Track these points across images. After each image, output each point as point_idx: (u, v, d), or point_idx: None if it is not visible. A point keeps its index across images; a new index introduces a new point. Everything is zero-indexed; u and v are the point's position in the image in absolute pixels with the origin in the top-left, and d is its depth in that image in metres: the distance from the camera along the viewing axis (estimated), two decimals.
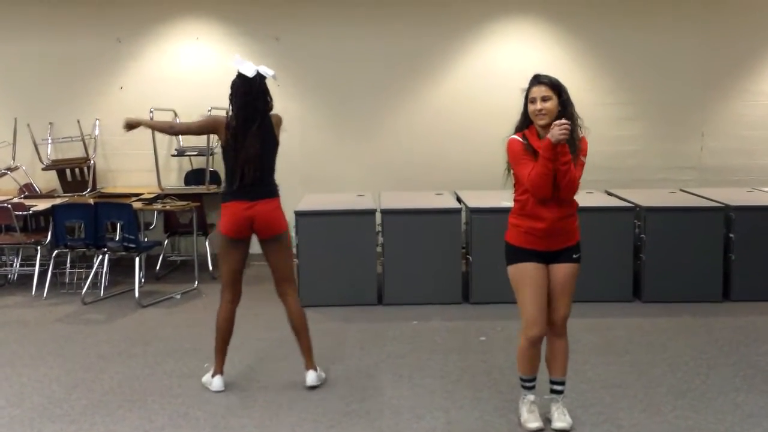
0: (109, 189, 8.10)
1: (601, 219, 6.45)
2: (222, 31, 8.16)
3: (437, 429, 4.06)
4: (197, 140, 7.68)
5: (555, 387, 4.05)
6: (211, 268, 7.58)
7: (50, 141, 8.11)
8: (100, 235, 6.69)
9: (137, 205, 6.98)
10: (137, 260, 6.71)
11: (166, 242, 7.94)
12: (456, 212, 6.54)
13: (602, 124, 7.76)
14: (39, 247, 7.16)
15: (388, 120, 8.26)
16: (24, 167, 8.08)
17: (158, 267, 7.74)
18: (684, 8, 8.10)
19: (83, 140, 8.00)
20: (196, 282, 7.25)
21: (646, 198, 6.79)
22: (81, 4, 8.11)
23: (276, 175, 4.60)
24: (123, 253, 6.82)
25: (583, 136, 3.86)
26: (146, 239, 7.36)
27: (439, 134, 8.18)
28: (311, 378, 4.63)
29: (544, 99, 3.77)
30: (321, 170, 7.79)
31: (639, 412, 4.23)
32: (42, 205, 7.08)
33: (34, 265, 7.16)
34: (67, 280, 7.14)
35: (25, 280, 7.27)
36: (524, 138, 3.83)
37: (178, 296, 6.92)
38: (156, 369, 5.01)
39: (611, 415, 4.20)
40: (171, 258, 8.10)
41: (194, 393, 4.60)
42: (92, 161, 8.02)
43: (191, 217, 7.39)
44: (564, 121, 3.66)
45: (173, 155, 8.13)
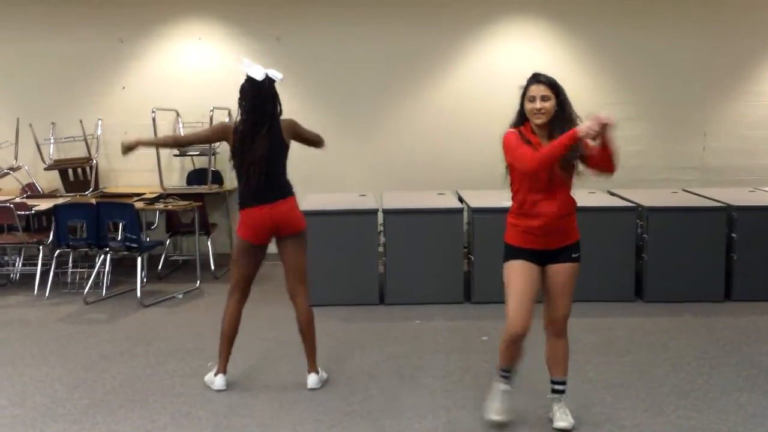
0: (111, 189, 8.11)
1: (604, 219, 6.45)
2: (224, 32, 8.17)
3: (439, 429, 4.06)
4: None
5: (556, 387, 4.04)
6: (213, 268, 7.59)
7: (52, 141, 8.12)
8: (102, 235, 6.70)
9: (139, 205, 6.99)
10: (139, 260, 6.72)
11: (168, 242, 7.95)
12: (458, 212, 6.54)
13: None
14: (41, 247, 7.16)
15: (390, 120, 8.26)
16: (26, 167, 8.09)
17: (160, 267, 7.75)
18: (685, 8, 8.10)
19: (85, 140, 8.01)
20: (198, 282, 7.26)
21: (649, 198, 6.79)
22: (83, 5, 8.12)
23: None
24: (125, 253, 6.82)
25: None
26: (148, 239, 7.36)
27: (441, 134, 8.19)
28: (312, 381, 4.64)
29: (544, 98, 3.74)
30: (323, 170, 7.78)
31: (641, 412, 4.23)
32: (44, 205, 7.09)
33: (36, 265, 7.17)
34: (69, 280, 7.15)
35: (27, 280, 7.28)
36: (520, 134, 3.81)
37: (180, 296, 6.93)
38: (158, 368, 5.02)
39: (613, 415, 4.20)
40: (173, 258, 8.10)
41: (196, 392, 4.60)
42: (94, 161, 8.03)
43: (193, 217, 7.39)
44: (604, 120, 3.54)
45: (175, 155, 8.14)
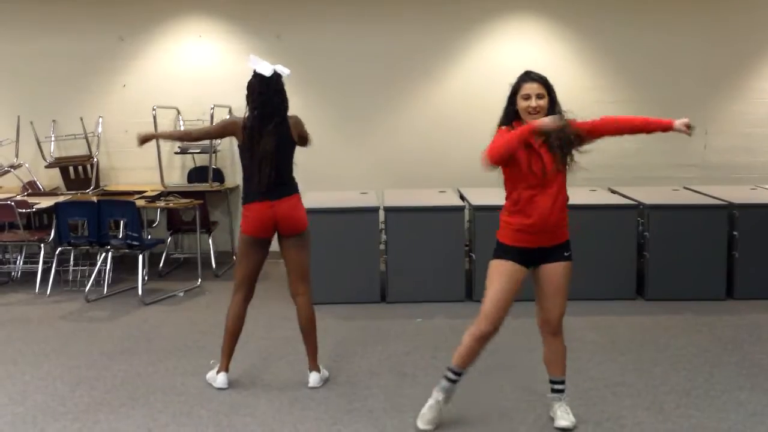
0: (112, 187, 8.11)
1: (605, 217, 6.45)
2: (224, 29, 8.16)
3: (438, 429, 4.06)
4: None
5: (555, 387, 4.04)
6: (215, 266, 7.59)
7: (53, 138, 8.11)
8: (104, 233, 6.70)
9: (140, 203, 6.98)
10: (140, 258, 6.71)
11: (169, 240, 7.94)
12: (459, 210, 6.54)
13: None
14: (42, 245, 7.16)
15: (391, 117, 8.25)
16: (27, 165, 8.08)
17: (161, 265, 7.75)
18: (686, 5, 8.08)
19: (86, 138, 8.01)
20: (199, 280, 7.25)
21: (650, 196, 6.79)
22: (84, 3, 8.10)
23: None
24: (126, 251, 6.82)
25: (573, 120, 3.81)
26: (149, 237, 7.36)
27: (442, 132, 8.18)
28: (314, 379, 4.63)
29: (539, 96, 3.74)
30: (323, 168, 7.78)
31: (642, 411, 4.23)
32: (45, 203, 7.09)
33: (38, 263, 7.16)
34: (71, 278, 7.15)
35: (29, 278, 7.27)
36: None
37: (182, 294, 6.93)
38: (159, 367, 5.02)
39: (614, 414, 4.20)
40: (174, 256, 8.09)
41: (197, 391, 4.60)
42: (95, 159, 8.02)
43: (194, 215, 7.39)
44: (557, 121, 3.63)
45: (176, 153, 8.13)
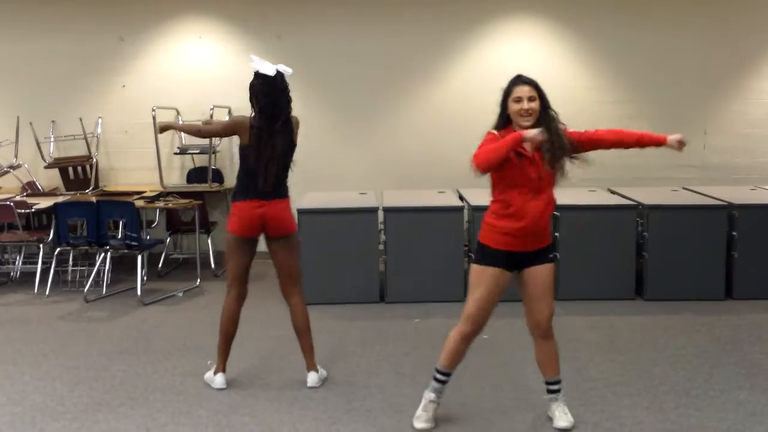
0: (112, 187, 8.10)
1: (604, 217, 6.46)
2: (224, 30, 8.16)
3: (439, 427, 4.06)
4: (200, 138, 7.67)
5: (551, 387, 4.03)
6: (213, 266, 7.59)
7: (53, 139, 8.11)
8: (103, 233, 6.70)
9: (139, 203, 6.99)
10: (139, 258, 6.71)
11: (169, 240, 7.94)
12: (458, 210, 6.54)
13: (604, 122, 7.60)
14: (41, 245, 7.15)
15: (390, 118, 8.25)
16: (26, 165, 8.08)
17: (160, 265, 7.74)
18: (685, 5, 8.07)
19: (86, 138, 8.00)
20: (198, 280, 7.25)
21: (649, 196, 6.79)
22: (84, 3, 8.10)
23: None
24: (125, 251, 6.82)
25: (565, 128, 3.83)
26: (148, 237, 7.36)
27: (441, 132, 8.17)
28: (312, 379, 4.63)
29: (531, 99, 3.77)
30: (323, 168, 7.78)
31: (641, 410, 4.23)
32: (44, 203, 7.10)
33: (37, 263, 7.16)
34: (70, 278, 7.15)
35: (28, 278, 7.27)
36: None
37: (181, 294, 6.92)
38: (158, 367, 5.02)
39: (614, 413, 4.19)
40: (173, 256, 8.09)
41: (196, 391, 4.60)
42: (94, 159, 8.02)
43: (193, 215, 7.39)
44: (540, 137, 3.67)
45: (175, 153, 8.14)
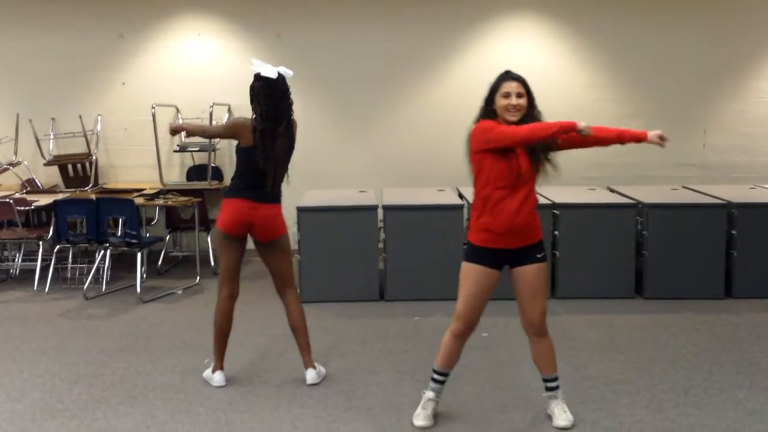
0: (111, 184, 8.11)
1: (604, 215, 6.45)
2: (223, 27, 8.15)
3: (439, 425, 4.06)
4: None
5: (549, 384, 4.03)
6: (213, 264, 7.59)
7: (52, 136, 8.11)
8: (102, 231, 6.70)
9: (139, 201, 6.98)
10: (139, 256, 6.71)
11: (168, 238, 7.94)
12: (458, 208, 6.53)
13: (604, 121, 7.56)
14: (41, 243, 7.15)
15: (390, 116, 8.25)
16: (26, 162, 8.08)
17: (160, 262, 7.74)
18: (686, 5, 8.07)
19: (85, 136, 8.01)
20: (198, 277, 7.25)
21: (649, 195, 6.78)
22: (83, 0, 8.10)
23: None
24: (125, 249, 6.83)
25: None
26: (148, 235, 7.37)
27: (441, 130, 8.16)
28: (311, 376, 4.63)
29: (519, 95, 3.79)
30: (323, 166, 7.78)
31: (641, 409, 4.23)
32: (44, 201, 7.10)
33: (36, 260, 7.16)
34: (69, 276, 7.15)
35: (27, 275, 7.27)
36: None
37: (180, 291, 6.92)
38: (157, 364, 5.02)
39: (613, 412, 4.19)
40: (173, 253, 8.10)
41: (196, 388, 4.60)
42: (94, 157, 8.02)
43: (193, 213, 7.38)
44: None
45: (175, 151, 8.14)
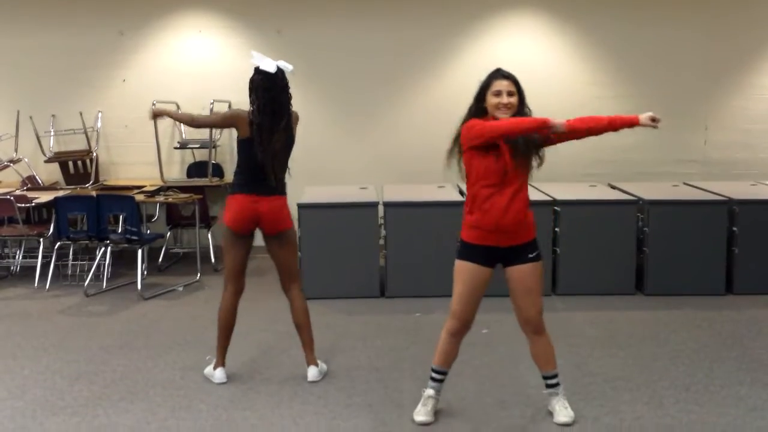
0: (112, 181, 8.10)
1: (604, 212, 6.45)
2: (224, 24, 8.14)
3: (439, 421, 4.06)
4: (200, 133, 7.67)
5: (549, 382, 4.04)
6: (214, 260, 7.58)
7: (53, 133, 8.10)
8: (103, 228, 6.69)
9: (139, 198, 6.97)
10: (140, 252, 6.71)
11: (169, 234, 7.93)
12: (458, 205, 6.46)
13: None
14: (41, 239, 7.15)
15: (391, 113, 8.24)
16: (26, 159, 8.07)
17: (161, 259, 7.73)
18: (686, 1, 8.04)
19: (86, 132, 8.00)
20: (199, 274, 7.25)
21: (649, 191, 6.78)
22: None
23: None
24: (125, 246, 6.82)
25: None
26: (149, 231, 7.36)
27: (442, 127, 7.97)
28: (312, 374, 4.63)
29: (510, 94, 3.81)
30: (323, 163, 7.77)
31: (642, 405, 4.23)
32: (44, 197, 7.09)
33: (37, 257, 7.16)
34: (70, 272, 7.14)
35: (28, 272, 7.27)
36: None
37: (181, 288, 6.92)
38: (158, 361, 5.02)
39: (613, 408, 4.20)
40: (173, 250, 8.09)
41: (196, 385, 4.60)
42: (95, 153, 8.02)
43: (194, 210, 7.38)
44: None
45: (176, 147, 8.13)
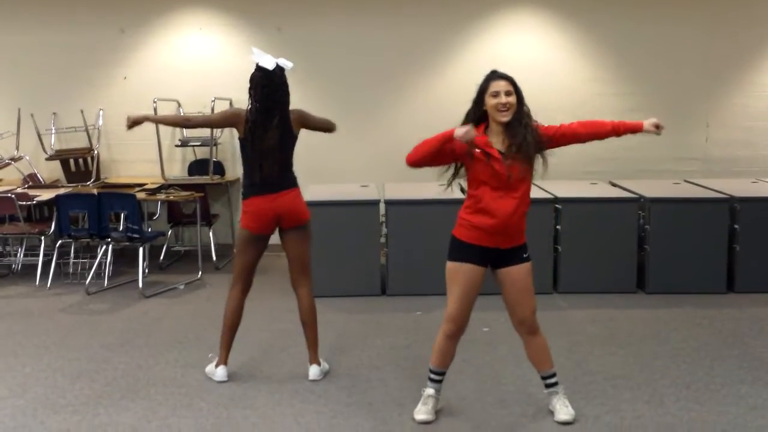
0: (113, 179, 8.10)
1: (606, 210, 6.45)
2: (224, 22, 8.14)
3: (440, 420, 4.07)
4: (201, 131, 7.67)
5: (548, 381, 4.04)
6: (215, 259, 7.59)
7: (54, 131, 8.11)
8: (104, 226, 6.69)
9: (141, 196, 6.98)
10: (141, 250, 6.71)
11: (170, 232, 7.94)
12: (460, 203, 6.48)
13: (605, 115, 7.53)
14: (43, 237, 7.15)
15: (391, 110, 8.23)
16: (28, 157, 8.08)
17: (162, 257, 7.74)
18: None
19: (87, 130, 8.00)
20: (200, 272, 7.25)
21: (651, 189, 6.77)
22: None
23: None
24: (127, 244, 6.82)
25: (539, 124, 3.85)
26: (150, 229, 7.36)
27: (443, 125, 7.91)
28: (314, 372, 4.63)
29: (508, 94, 3.81)
30: (324, 161, 7.77)
31: (642, 404, 4.23)
32: (46, 195, 7.09)
33: (38, 255, 7.17)
34: (71, 271, 7.15)
35: (29, 270, 7.27)
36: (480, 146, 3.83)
37: (182, 287, 6.93)
38: (159, 359, 5.02)
39: (614, 407, 4.20)
40: (175, 248, 8.10)
41: (198, 383, 4.61)
42: (96, 151, 8.02)
43: (195, 208, 7.38)
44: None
45: (177, 146, 8.13)
